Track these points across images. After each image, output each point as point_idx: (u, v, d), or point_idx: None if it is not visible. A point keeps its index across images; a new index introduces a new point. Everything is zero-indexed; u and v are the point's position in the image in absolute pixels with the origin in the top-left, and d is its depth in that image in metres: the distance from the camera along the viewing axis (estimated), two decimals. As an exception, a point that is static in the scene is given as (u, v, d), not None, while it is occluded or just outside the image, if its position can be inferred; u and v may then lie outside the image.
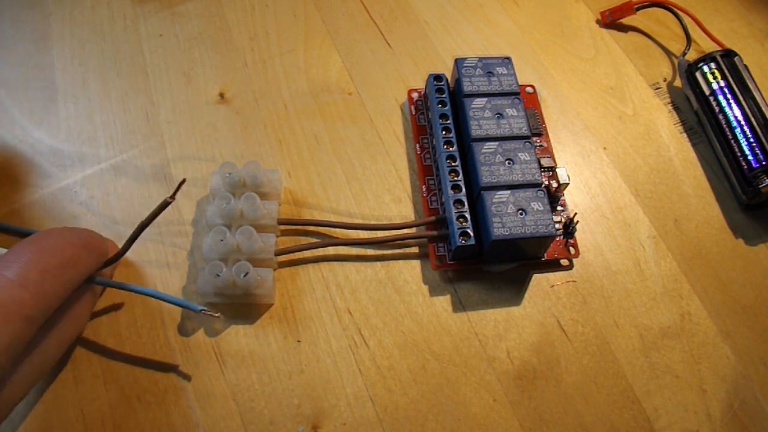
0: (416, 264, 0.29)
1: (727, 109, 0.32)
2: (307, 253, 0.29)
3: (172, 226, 0.30)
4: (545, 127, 0.33)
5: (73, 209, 0.30)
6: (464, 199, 0.28)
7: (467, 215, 0.28)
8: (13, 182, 0.31)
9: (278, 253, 0.28)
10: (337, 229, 0.30)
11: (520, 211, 0.27)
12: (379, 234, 0.29)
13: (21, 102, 0.33)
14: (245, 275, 0.26)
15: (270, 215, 0.28)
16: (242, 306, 0.28)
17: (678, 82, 0.36)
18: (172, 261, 0.29)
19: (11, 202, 0.30)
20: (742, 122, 0.32)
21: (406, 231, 0.29)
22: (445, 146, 0.30)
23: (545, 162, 0.31)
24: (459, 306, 0.29)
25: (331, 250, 0.30)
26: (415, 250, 0.30)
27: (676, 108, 0.35)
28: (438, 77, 0.32)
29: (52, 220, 0.30)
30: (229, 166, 0.28)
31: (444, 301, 0.29)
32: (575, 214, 0.30)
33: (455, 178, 0.29)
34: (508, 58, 0.32)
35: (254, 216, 0.28)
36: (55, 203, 0.30)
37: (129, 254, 0.29)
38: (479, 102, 0.30)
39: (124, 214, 0.30)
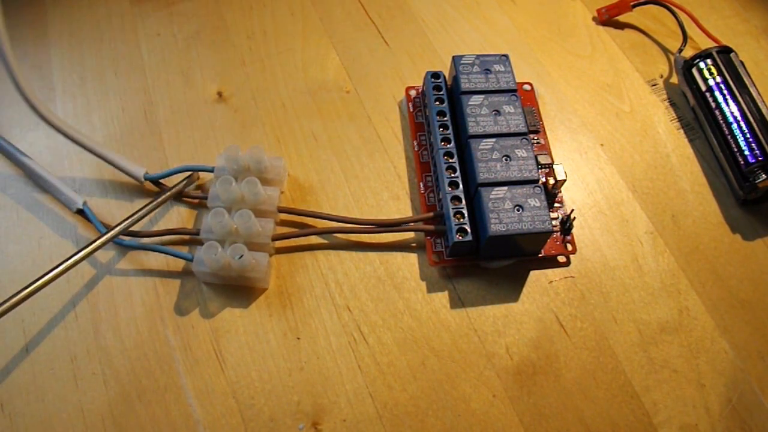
0: (414, 261, 0.30)
1: (723, 105, 0.32)
2: (305, 243, 0.29)
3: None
4: (542, 124, 0.33)
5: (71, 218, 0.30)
6: (461, 196, 0.28)
7: (464, 212, 0.28)
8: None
9: (275, 238, 0.28)
10: (335, 223, 0.30)
11: (517, 208, 0.27)
12: (378, 228, 0.29)
13: (18, 101, 0.33)
14: (240, 257, 0.26)
15: (270, 201, 0.29)
16: (238, 289, 0.28)
17: (674, 79, 0.36)
18: (173, 266, 0.29)
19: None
20: (739, 118, 0.32)
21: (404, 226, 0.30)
22: (443, 143, 0.30)
23: (542, 159, 0.31)
24: (458, 302, 0.29)
25: (329, 245, 0.30)
26: (413, 247, 0.30)
27: (673, 104, 0.35)
28: (435, 75, 0.32)
29: (51, 223, 0.30)
30: (234, 150, 0.29)
31: (443, 298, 0.29)
32: (572, 210, 0.30)
33: (452, 175, 0.29)
34: (505, 56, 0.32)
35: (255, 200, 0.28)
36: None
37: (129, 261, 0.29)
38: (476, 99, 0.30)
39: (123, 213, 0.30)
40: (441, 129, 0.30)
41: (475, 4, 0.38)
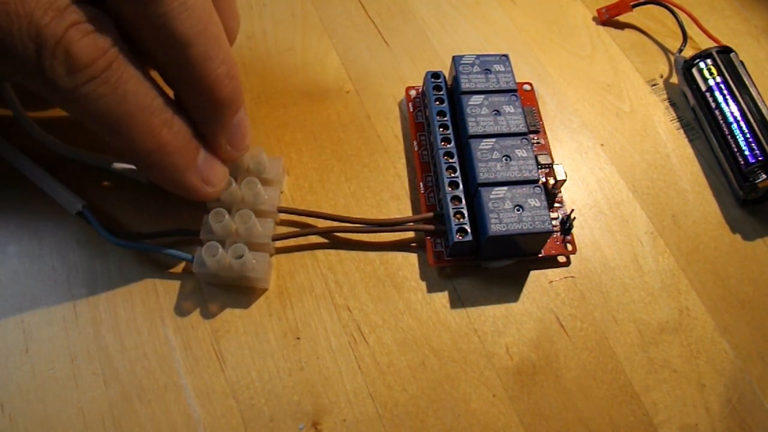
0: (414, 261, 0.30)
1: (723, 106, 0.32)
2: (304, 242, 0.30)
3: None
4: (542, 124, 0.33)
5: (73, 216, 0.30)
6: (461, 196, 0.28)
7: (464, 212, 0.28)
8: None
9: (276, 239, 0.28)
10: (335, 223, 0.30)
11: (517, 208, 0.27)
12: (378, 228, 0.29)
13: (24, 101, 0.33)
14: (240, 258, 0.26)
15: (270, 201, 0.29)
16: (238, 290, 0.28)
17: (675, 79, 0.36)
18: (173, 266, 0.29)
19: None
20: (739, 118, 0.32)
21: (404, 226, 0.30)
22: (443, 143, 0.30)
23: (542, 159, 0.31)
24: (458, 302, 0.29)
25: (329, 245, 0.30)
26: (413, 246, 0.30)
27: (673, 104, 0.35)
28: (436, 75, 0.32)
29: (52, 222, 0.30)
30: None
31: (443, 298, 0.29)
32: (572, 210, 0.30)
33: (452, 175, 0.29)
34: (505, 56, 0.32)
35: (254, 201, 0.28)
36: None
37: (130, 261, 0.29)
38: (477, 99, 0.30)
39: (124, 215, 0.30)
40: (441, 129, 0.30)
41: (475, 4, 0.38)
